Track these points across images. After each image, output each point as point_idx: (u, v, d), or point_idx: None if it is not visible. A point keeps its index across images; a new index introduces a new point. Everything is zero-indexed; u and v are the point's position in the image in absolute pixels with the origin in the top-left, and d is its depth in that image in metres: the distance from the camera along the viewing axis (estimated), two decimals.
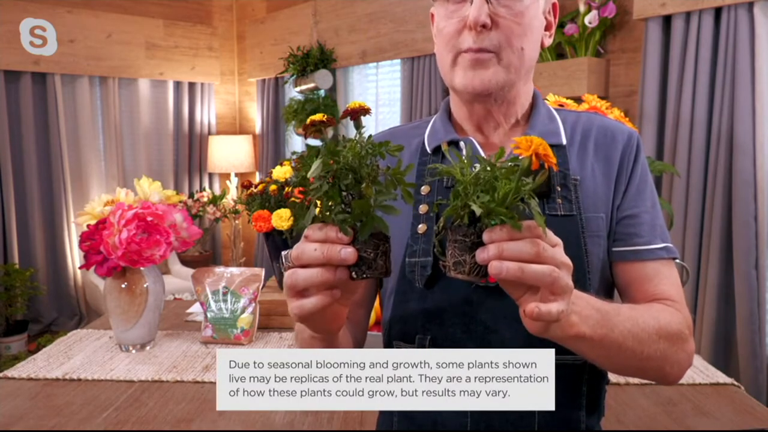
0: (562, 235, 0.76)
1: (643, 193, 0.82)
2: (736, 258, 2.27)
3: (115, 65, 4.24)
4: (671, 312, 0.75)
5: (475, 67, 0.77)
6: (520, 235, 0.55)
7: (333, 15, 4.05)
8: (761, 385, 2.25)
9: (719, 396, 1.21)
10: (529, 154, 0.55)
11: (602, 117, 0.87)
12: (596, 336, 0.64)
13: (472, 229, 0.57)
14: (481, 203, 0.55)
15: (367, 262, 0.58)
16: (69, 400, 1.19)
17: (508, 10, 0.77)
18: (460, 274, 0.57)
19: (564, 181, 0.79)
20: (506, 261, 0.54)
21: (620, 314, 0.68)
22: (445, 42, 0.80)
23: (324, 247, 0.58)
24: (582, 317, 0.63)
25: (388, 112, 3.94)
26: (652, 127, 2.52)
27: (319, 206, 0.60)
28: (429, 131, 0.89)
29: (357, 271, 0.59)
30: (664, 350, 0.71)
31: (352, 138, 0.60)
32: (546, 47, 0.86)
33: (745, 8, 2.21)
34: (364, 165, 0.58)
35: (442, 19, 0.81)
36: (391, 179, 0.59)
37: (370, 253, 0.58)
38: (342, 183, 0.58)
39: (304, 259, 0.59)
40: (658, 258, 0.79)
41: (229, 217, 4.38)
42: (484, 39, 0.76)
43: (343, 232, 0.58)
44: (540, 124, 0.84)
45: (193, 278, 1.57)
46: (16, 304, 3.71)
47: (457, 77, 0.80)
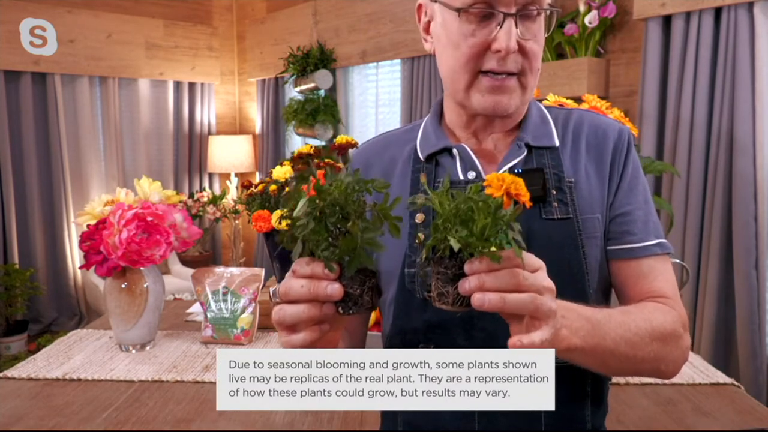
0: (560, 239, 0.76)
1: (634, 189, 0.82)
2: (736, 258, 2.27)
3: (115, 65, 4.24)
4: (665, 311, 0.75)
5: (496, 92, 0.76)
6: (500, 266, 0.56)
7: (333, 15, 4.05)
8: (761, 385, 2.25)
9: (719, 396, 1.21)
10: (500, 193, 0.57)
11: (593, 114, 0.87)
12: (588, 346, 0.65)
13: (453, 261, 0.58)
14: (459, 237, 0.55)
15: (354, 298, 0.60)
16: (69, 400, 1.19)
17: (529, 32, 0.75)
18: (444, 305, 0.58)
19: (559, 184, 0.79)
20: (488, 292, 0.56)
21: (612, 321, 0.69)
22: (463, 62, 0.77)
23: (310, 283, 0.59)
24: (572, 330, 0.63)
25: (388, 112, 3.94)
26: (652, 127, 2.52)
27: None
28: (421, 137, 0.87)
29: (343, 306, 0.60)
30: (658, 351, 0.72)
31: (339, 175, 0.60)
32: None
33: (745, 8, 2.21)
34: (351, 202, 0.58)
35: (458, 35, 0.77)
36: (378, 215, 0.59)
37: (356, 289, 0.59)
38: (328, 221, 0.58)
39: (292, 296, 0.60)
40: (651, 254, 0.79)
41: (229, 217, 4.38)
42: (509, 62, 0.75)
43: (328, 269, 0.59)
44: (532, 127, 0.83)
45: (193, 278, 1.57)
46: (16, 304, 3.71)
47: (475, 99, 0.78)
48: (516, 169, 0.80)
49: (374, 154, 0.90)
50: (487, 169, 0.81)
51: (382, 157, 0.89)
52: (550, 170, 0.80)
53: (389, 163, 0.88)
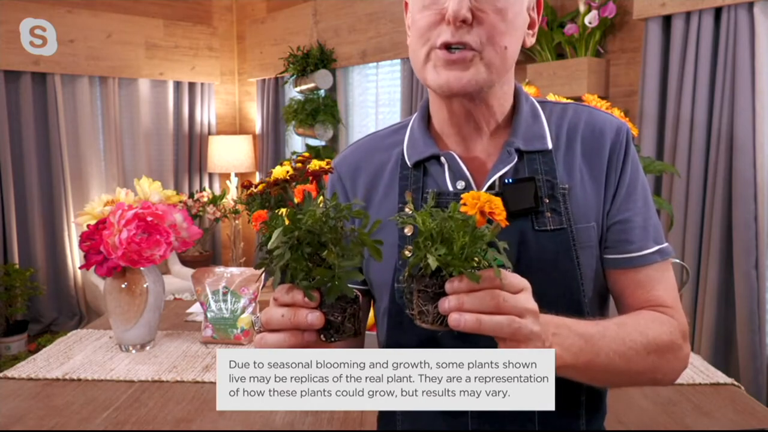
0: (553, 250, 0.74)
1: (633, 194, 0.78)
2: (736, 258, 2.27)
3: (115, 65, 4.24)
4: (662, 321, 0.73)
5: (451, 66, 0.72)
6: (479, 286, 0.56)
7: (333, 15, 4.05)
8: (761, 385, 2.25)
9: (719, 396, 1.21)
10: (474, 212, 0.57)
11: (590, 109, 0.82)
12: (580, 363, 0.64)
13: (434, 280, 0.57)
14: (438, 256, 0.55)
15: (335, 326, 0.59)
16: (69, 400, 1.19)
17: (491, 5, 0.71)
18: (424, 324, 0.58)
19: (552, 192, 0.75)
20: (465, 313, 0.55)
21: (606, 336, 0.67)
22: (418, 35, 0.74)
23: (290, 312, 0.59)
24: (564, 347, 0.63)
25: (388, 112, 3.94)
26: (652, 127, 2.52)
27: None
28: (408, 142, 0.84)
29: (326, 334, 0.60)
30: (653, 363, 0.71)
31: (314, 202, 0.60)
32: (527, 47, 0.80)
33: (745, 8, 2.21)
34: (327, 229, 0.58)
35: (416, 10, 0.74)
36: (357, 240, 0.59)
37: (337, 317, 0.59)
38: (304, 250, 0.58)
39: (273, 325, 0.60)
40: (651, 263, 0.76)
41: (229, 217, 4.38)
42: (463, 34, 0.70)
43: (308, 297, 0.58)
44: (523, 127, 0.79)
45: (193, 278, 1.57)
46: (16, 304, 3.71)
47: (430, 75, 0.74)
48: (506, 179, 0.76)
49: (362, 158, 0.87)
50: (476, 178, 0.78)
51: (369, 161, 0.86)
52: (543, 177, 0.76)
53: (377, 167, 0.85)
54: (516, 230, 0.74)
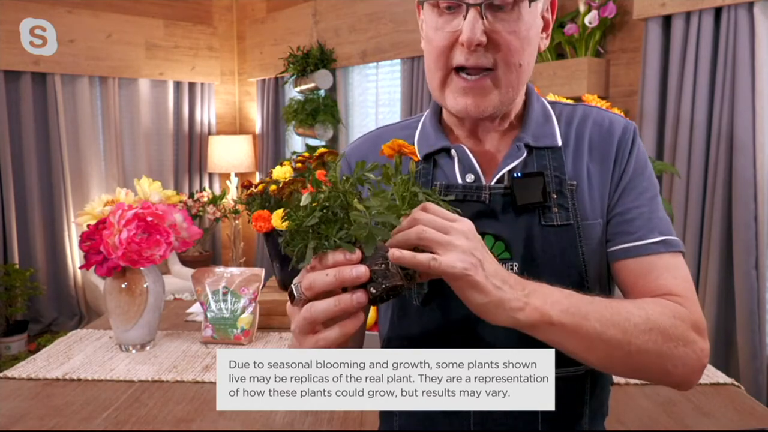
0: (560, 246, 0.74)
1: (637, 188, 0.78)
2: (736, 258, 2.27)
3: (115, 65, 4.24)
4: (665, 305, 0.69)
5: (468, 94, 0.73)
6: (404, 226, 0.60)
7: (333, 15, 4.05)
8: (761, 385, 2.25)
9: (719, 396, 1.21)
10: (393, 153, 0.66)
11: (598, 110, 0.83)
12: (568, 323, 0.61)
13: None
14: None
15: (381, 273, 0.57)
16: (69, 400, 1.19)
17: (505, 25, 0.70)
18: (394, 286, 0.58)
19: (560, 187, 0.76)
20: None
21: (594, 302, 0.65)
22: (434, 56, 0.75)
23: (334, 270, 0.56)
24: (544, 298, 0.61)
25: (388, 112, 3.94)
26: (652, 127, 2.52)
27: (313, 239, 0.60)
28: (419, 136, 0.84)
29: (375, 286, 0.57)
30: (657, 343, 0.65)
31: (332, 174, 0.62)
32: (542, 51, 0.81)
33: (745, 8, 2.21)
34: (350, 188, 0.59)
35: (430, 28, 0.75)
36: (381, 178, 0.62)
37: (381, 265, 0.57)
38: (333, 208, 0.58)
39: (318, 287, 0.57)
40: (653, 252, 0.74)
41: (229, 217, 4.38)
42: (479, 57, 0.71)
43: (349, 251, 0.57)
44: (534, 124, 0.80)
45: (193, 278, 1.57)
46: (16, 304, 3.71)
47: (449, 101, 0.75)
48: (515, 173, 0.77)
49: (372, 148, 0.87)
50: (486, 171, 0.79)
51: (377, 152, 0.87)
52: (551, 172, 0.77)
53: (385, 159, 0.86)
54: (523, 224, 0.75)
